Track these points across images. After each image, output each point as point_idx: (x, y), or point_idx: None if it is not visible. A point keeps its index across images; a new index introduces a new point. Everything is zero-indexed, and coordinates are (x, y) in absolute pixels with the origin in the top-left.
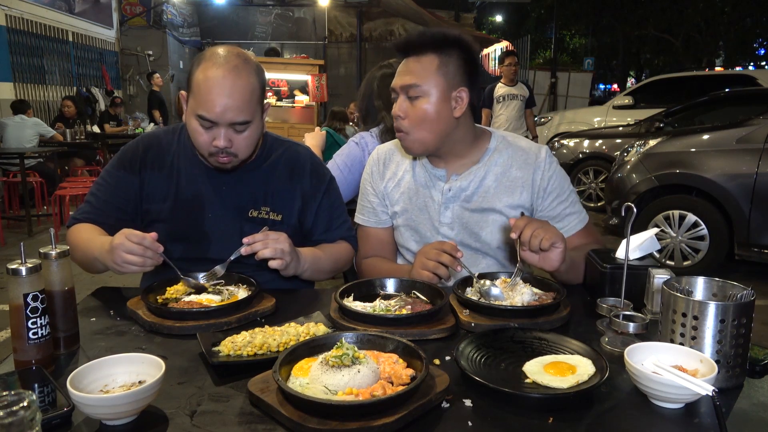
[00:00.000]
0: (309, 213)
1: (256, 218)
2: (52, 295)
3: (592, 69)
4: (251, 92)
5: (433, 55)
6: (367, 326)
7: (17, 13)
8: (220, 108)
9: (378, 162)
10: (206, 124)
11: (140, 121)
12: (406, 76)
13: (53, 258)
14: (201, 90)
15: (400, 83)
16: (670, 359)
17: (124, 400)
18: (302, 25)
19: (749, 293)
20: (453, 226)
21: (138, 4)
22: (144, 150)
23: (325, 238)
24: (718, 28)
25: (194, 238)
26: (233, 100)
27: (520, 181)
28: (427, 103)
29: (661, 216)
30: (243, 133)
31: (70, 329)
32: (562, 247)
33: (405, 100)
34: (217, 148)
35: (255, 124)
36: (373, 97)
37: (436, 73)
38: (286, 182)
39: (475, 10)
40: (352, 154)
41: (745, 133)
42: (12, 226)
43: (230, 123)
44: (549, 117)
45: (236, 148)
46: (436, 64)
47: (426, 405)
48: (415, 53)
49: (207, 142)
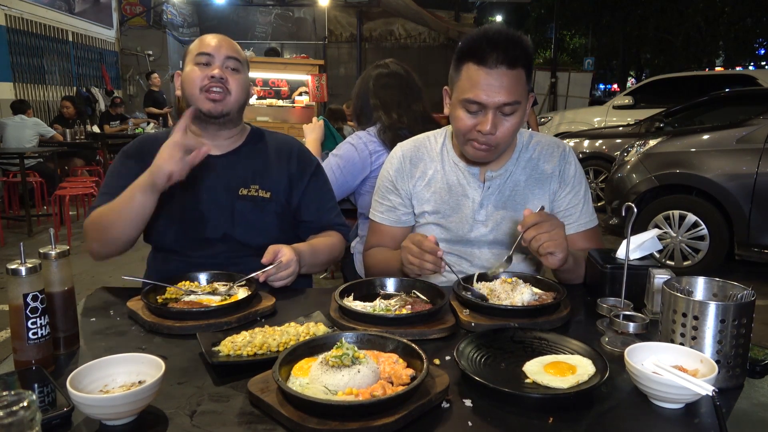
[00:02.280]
0: (296, 193)
1: (247, 196)
2: (51, 296)
3: (592, 69)
4: (240, 50)
5: (521, 69)
6: (367, 326)
7: (17, 13)
8: (215, 43)
9: (404, 160)
10: (203, 61)
11: (140, 121)
12: (502, 93)
13: (53, 258)
14: (197, 42)
15: (498, 101)
16: (670, 359)
17: (124, 400)
18: (302, 25)
19: (749, 293)
20: (487, 223)
21: (138, 4)
22: (143, 143)
23: (315, 220)
24: (718, 28)
25: (189, 218)
26: (226, 42)
27: (549, 173)
28: (519, 118)
29: (661, 216)
30: (236, 75)
31: (70, 329)
32: (561, 256)
33: (497, 116)
34: (212, 79)
35: (244, 77)
36: (369, 96)
37: (526, 86)
38: (274, 163)
39: (475, 10)
40: (347, 156)
41: (745, 133)
42: (12, 226)
43: (226, 57)
44: (549, 117)
45: (230, 85)
46: (525, 76)
47: (426, 405)
48: (507, 66)
49: (201, 77)
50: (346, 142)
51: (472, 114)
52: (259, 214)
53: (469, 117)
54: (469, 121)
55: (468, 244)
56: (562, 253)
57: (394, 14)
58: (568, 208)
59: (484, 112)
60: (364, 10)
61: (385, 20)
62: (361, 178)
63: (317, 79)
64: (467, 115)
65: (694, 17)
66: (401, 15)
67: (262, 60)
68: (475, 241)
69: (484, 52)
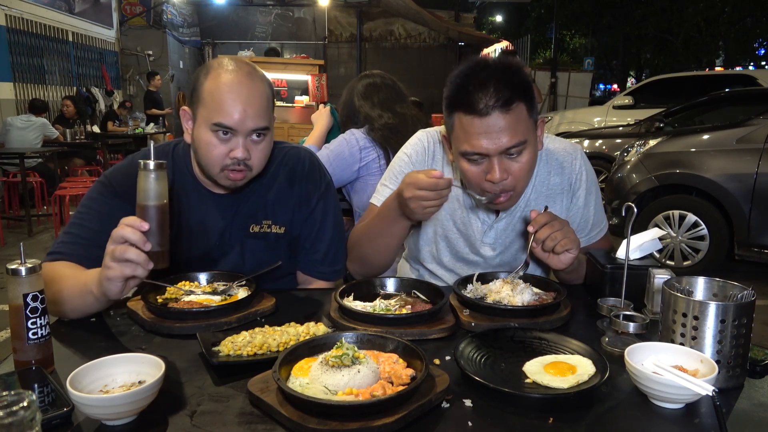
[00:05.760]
0: (298, 219)
1: (258, 233)
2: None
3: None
4: (267, 98)
5: (519, 103)
6: (367, 326)
7: (17, 13)
8: (239, 114)
9: (426, 152)
10: (223, 134)
11: (140, 122)
12: (503, 137)
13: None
14: (215, 97)
15: (500, 147)
16: (671, 359)
17: (124, 400)
18: (302, 25)
19: (749, 293)
20: (495, 247)
21: (138, 4)
22: (127, 174)
23: (303, 256)
24: (718, 28)
25: (196, 257)
26: (252, 105)
27: (559, 187)
28: (530, 154)
29: (661, 216)
30: (260, 144)
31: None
32: (575, 254)
33: (504, 160)
34: (234, 160)
35: (270, 133)
36: (355, 99)
37: (528, 119)
38: (286, 191)
39: (475, 10)
40: (337, 150)
41: (745, 133)
42: (12, 226)
43: (250, 130)
44: (549, 117)
45: (253, 160)
46: (525, 110)
47: (426, 405)
48: (502, 108)
49: (222, 155)
50: (339, 137)
51: (477, 164)
52: (271, 252)
53: (475, 167)
54: (477, 171)
55: (471, 264)
56: (577, 250)
57: (394, 14)
58: (581, 221)
59: (488, 159)
60: (364, 10)
61: (385, 20)
62: (349, 171)
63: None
64: (472, 167)
65: (694, 17)
66: (401, 15)
67: (262, 60)
68: (480, 262)
69: (471, 98)
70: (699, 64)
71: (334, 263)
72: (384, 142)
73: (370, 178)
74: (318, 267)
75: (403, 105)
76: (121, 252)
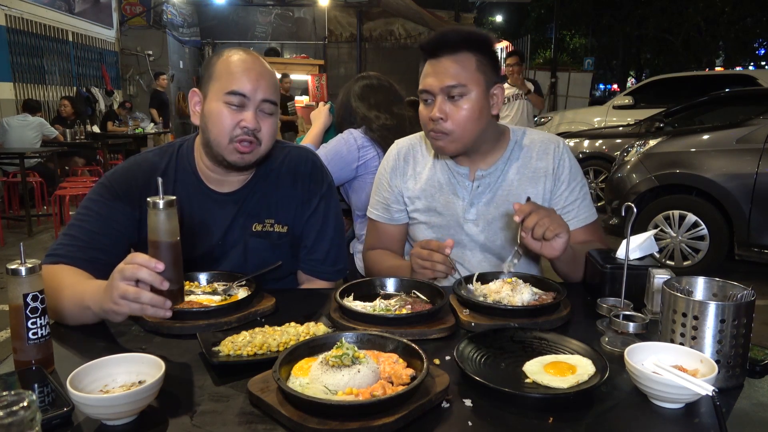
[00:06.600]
0: (299, 220)
1: (261, 232)
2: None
3: (592, 69)
4: (276, 80)
5: (468, 53)
6: (367, 326)
7: (17, 13)
8: (252, 84)
9: (398, 157)
10: (235, 103)
11: (140, 121)
12: (445, 76)
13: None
14: (230, 69)
15: (440, 84)
16: (670, 359)
17: (124, 400)
18: (302, 25)
19: (749, 293)
20: (478, 223)
21: (138, 4)
22: (144, 178)
23: (305, 254)
24: (718, 28)
25: (198, 256)
26: (264, 78)
27: (542, 170)
28: (470, 102)
29: (661, 216)
30: (269, 119)
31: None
32: (566, 237)
33: (445, 101)
34: (244, 130)
35: (277, 113)
36: (351, 101)
37: (476, 71)
38: (289, 190)
39: (475, 10)
40: (335, 149)
41: (745, 133)
42: (12, 226)
43: (261, 100)
44: (549, 117)
45: (262, 133)
46: (474, 62)
47: (426, 405)
48: (449, 53)
49: (232, 124)
50: (337, 136)
51: (427, 105)
52: (274, 251)
53: (425, 108)
54: (425, 113)
55: (459, 245)
56: (567, 234)
57: (394, 14)
58: (566, 206)
59: (433, 100)
60: (364, 10)
61: (385, 20)
62: (348, 170)
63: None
64: (423, 107)
65: (694, 17)
66: (401, 15)
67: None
68: (466, 242)
69: (430, 46)
70: (699, 64)
71: (335, 263)
72: (382, 141)
73: (369, 177)
74: (320, 267)
75: (400, 106)
76: (135, 295)
